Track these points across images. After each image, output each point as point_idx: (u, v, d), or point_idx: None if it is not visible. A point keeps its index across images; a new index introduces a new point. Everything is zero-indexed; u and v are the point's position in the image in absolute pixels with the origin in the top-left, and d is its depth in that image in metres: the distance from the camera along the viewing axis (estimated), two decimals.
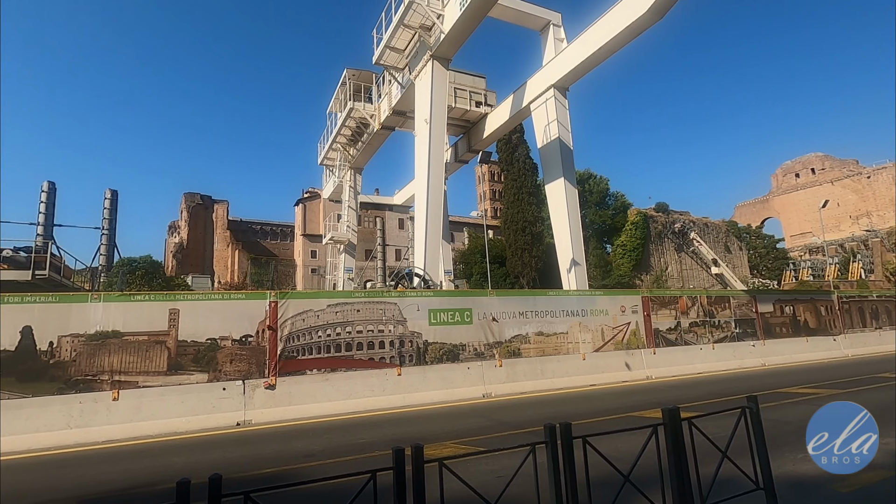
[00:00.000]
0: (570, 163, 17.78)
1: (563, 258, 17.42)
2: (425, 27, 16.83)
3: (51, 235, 21.84)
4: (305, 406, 9.41)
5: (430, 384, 10.64)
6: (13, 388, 7.91)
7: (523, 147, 42.71)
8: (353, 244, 29.10)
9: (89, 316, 8.64)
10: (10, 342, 8.06)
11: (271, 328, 9.69)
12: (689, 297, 15.49)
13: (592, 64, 15.99)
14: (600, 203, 49.59)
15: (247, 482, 5.17)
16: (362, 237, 33.60)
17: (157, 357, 8.87)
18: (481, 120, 22.20)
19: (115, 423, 8.13)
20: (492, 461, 5.17)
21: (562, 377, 12.04)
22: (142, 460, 6.68)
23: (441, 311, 11.36)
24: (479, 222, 57.92)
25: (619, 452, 3.11)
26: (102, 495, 5.17)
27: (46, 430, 7.75)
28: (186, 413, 8.58)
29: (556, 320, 12.70)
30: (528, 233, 40.07)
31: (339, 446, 6.90)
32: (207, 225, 62.57)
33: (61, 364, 8.28)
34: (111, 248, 25.02)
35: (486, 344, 11.62)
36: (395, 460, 2.27)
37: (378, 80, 23.60)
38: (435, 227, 16.77)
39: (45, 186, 22.70)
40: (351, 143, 26.71)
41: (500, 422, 8.28)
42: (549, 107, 17.53)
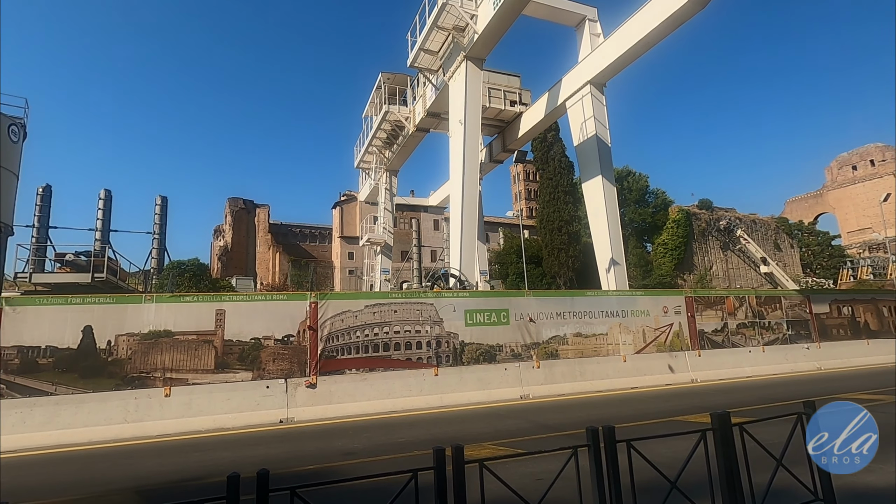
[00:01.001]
0: (608, 160, 17.39)
1: (602, 258, 17.05)
2: (459, 28, 16.86)
3: (107, 240, 23.18)
4: (345, 405, 9.59)
5: (467, 385, 10.63)
6: (76, 384, 8.44)
7: (559, 145, 42.11)
8: (389, 245, 29.44)
9: (143, 316, 9.11)
10: (73, 340, 8.60)
11: (312, 328, 9.93)
12: (737, 297, 14.85)
13: (631, 58, 15.59)
14: (640, 201, 48.27)
15: (291, 478, 5.32)
16: (398, 238, 33.97)
17: (205, 355, 9.26)
18: (516, 119, 22.03)
19: (167, 419, 8.54)
20: (531, 464, 5.11)
21: (602, 379, 11.78)
22: (193, 454, 6.99)
23: (477, 312, 11.34)
24: (514, 222, 57.49)
25: (664, 458, 3.01)
26: (158, 487, 5.44)
27: (106, 423, 8.23)
28: (233, 410, 8.91)
29: (595, 321, 12.44)
30: (565, 232, 39.45)
31: (379, 445, 6.99)
32: (250, 228, 64.83)
33: (118, 362, 8.77)
34: (162, 251, 26.28)
35: (523, 345, 11.51)
36: (435, 460, 2.28)
37: (412, 82, 23.80)
38: (470, 227, 16.75)
39: (103, 194, 24.10)
40: (386, 146, 27.06)
41: (538, 424, 8.19)
42: (585, 104, 17.21)
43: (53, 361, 8.43)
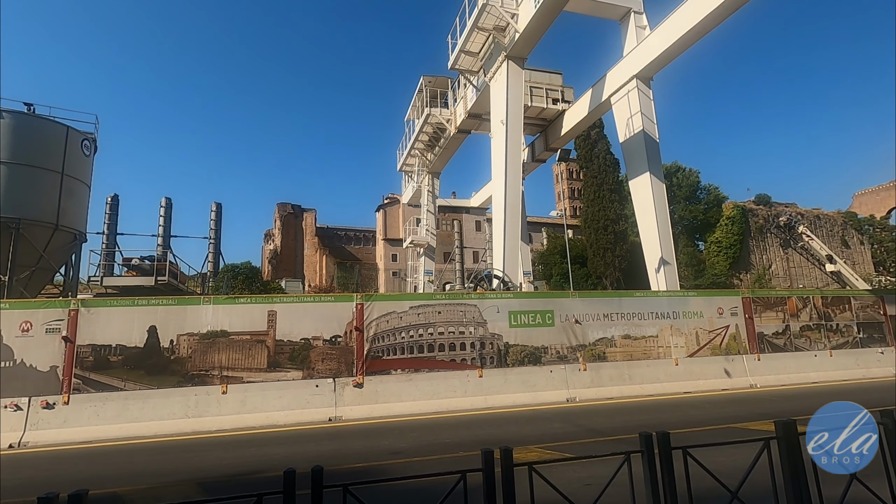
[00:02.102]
0: (656, 156, 16.79)
1: (651, 257, 16.48)
2: (499, 28, 16.78)
3: (168, 245, 24.59)
4: (390, 405, 9.74)
5: (512, 387, 10.54)
6: (142, 380, 9.02)
7: (603, 142, 41.11)
8: (432, 247, 29.67)
9: (201, 317, 9.61)
10: (140, 340, 9.19)
11: (358, 329, 10.15)
12: (800, 297, 13.95)
13: (680, 49, 15.01)
14: (690, 197, 46.33)
15: (341, 475, 5.45)
16: (440, 240, 34.17)
17: (259, 355, 9.65)
18: (558, 117, 21.67)
19: (224, 415, 8.96)
20: (580, 468, 5.01)
21: (652, 383, 11.37)
22: (248, 449, 7.30)
23: (521, 313, 11.23)
24: (558, 222, 56.51)
25: (723, 467, 2.88)
26: (217, 479, 5.72)
27: (169, 418, 8.73)
28: (284, 407, 9.24)
29: (645, 323, 12.04)
30: (611, 231, 38.43)
31: (425, 445, 7.05)
32: (298, 232, 67.06)
33: (180, 360, 9.29)
34: (217, 255, 27.59)
35: (568, 347, 11.30)
36: (484, 462, 2.28)
37: (453, 84, 23.90)
38: (513, 228, 16.62)
39: (164, 202, 25.59)
40: (428, 149, 27.29)
41: (585, 428, 8.01)
42: (631, 99, 16.70)
43: (122, 359, 9.04)
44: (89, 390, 8.73)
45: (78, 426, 8.35)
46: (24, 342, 8.70)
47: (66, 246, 17.78)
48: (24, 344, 8.69)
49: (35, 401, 8.39)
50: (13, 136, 16.19)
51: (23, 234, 15.82)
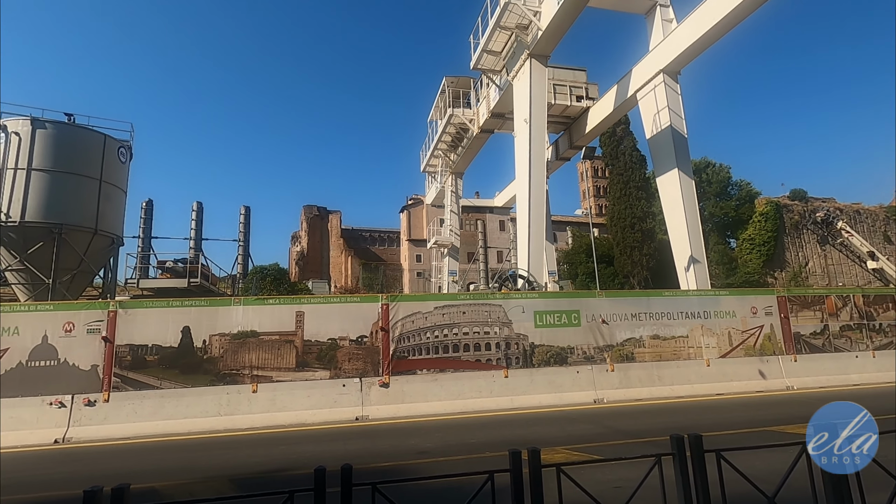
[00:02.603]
0: (685, 152, 16.40)
1: (680, 255, 16.10)
2: (522, 26, 16.68)
3: (200, 248, 25.34)
4: (416, 405, 9.79)
5: (538, 387, 10.46)
6: (177, 379, 9.31)
7: (629, 139, 40.40)
8: (455, 247, 29.69)
9: (232, 318, 9.87)
10: (175, 340, 9.49)
11: (384, 329, 10.25)
12: (839, 296, 13.40)
13: (709, 42, 14.62)
14: (721, 194, 45.08)
15: (369, 474, 5.51)
16: (464, 240, 34.15)
17: (287, 355, 9.85)
18: (583, 114, 21.40)
19: (255, 413, 9.18)
20: (609, 470, 4.94)
21: (682, 384, 11.11)
22: (278, 447, 7.45)
23: (547, 313, 11.13)
24: (583, 220, 55.79)
25: (758, 471, 2.79)
26: (249, 476, 5.87)
27: (203, 415, 8.99)
28: (312, 406, 9.40)
29: (674, 323, 11.77)
30: (638, 229, 37.72)
31: (451, 445, 7.07)
32: (323, 234, 68.07)
33: (212, 359, 9.56)
34: (246, 257, 28.31)
35: (595, 347, 11.14)
36: (511, 463, 2.27)
37: (476, 84, 23.88)
38: (538, 227, 16.49)
39: (195, 206, 26.40)
40: (451, 149, 27.33)
41: (613, 429, 7.89)
42: (658, 94, 16.37)
43: (158, 358, 9.36)
44: (127, 388, 9.07)
45: (117, 423, 8.68)
46: (67, 342, 9.10)
47: (105, 249, 18.53)
48: (67, 344, 9.10)
49: (78, 398, 8.77)
50: (55, 145, 16.96)
51: (65, 239, 16.56)
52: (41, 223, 16.34)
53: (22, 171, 16.37)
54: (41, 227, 16.34)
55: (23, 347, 8.94)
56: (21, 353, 8.91)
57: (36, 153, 16.57)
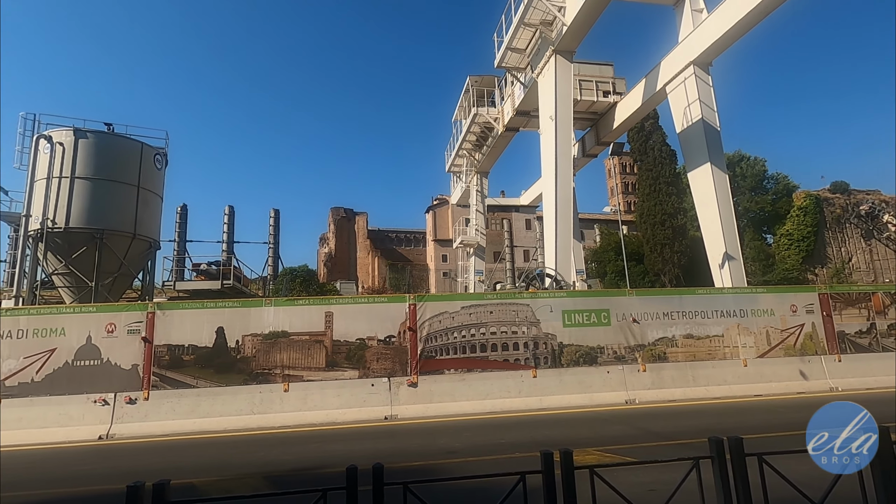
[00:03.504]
0: (718, 145, 15.90)
1: (714, 252, 15.63)
2: (546, 23, 16.50)
3: (232, 251, 26.00)
4: (444, 404, 9.80)
5: (567, 387, 10.33)
6: (212, 378, 9.58)
7: (658, 134, 39.50)
8: (482, 247, 29.60)
9: (264, 318, 10.09)
10: (209, 340, 9.77)
11: (411, 329, 10.30)
12: (887, 293, 12.75)
13: (741, 31, 14.14)
14: (756, 188, 43.57)
15: (399, 473, 5.55)
16: (490, 239, 34.01)
17: (317, 354, 10.01)
18: (610, 110, 21.02)
19: (286, 412, 9.36)
20: (643, 473, 4.82)
21: (718, 385, 10.77)
22: (309, 445, 7.58)
23: (576, 312, 10.97)
24: (611, 218, 54.86)
25: (803, 476, 2.67)
26: (283, 474, 5.98)
27: (237, 414, 9.23)
28: (342, 406, 9.52)
29: (709, 321, 11.43)
30: (669, 226, 36.83)
31: (480, 445, 7.04)
32: (351, 235, 68.97)
33: (245, 359, 9.80)
34: (276, 259, 28.89)
35: (626, 347, 10.92)
36: (543, 464, 2.24)
37: (500, 83, 23.75)
38: (565, 225, 16.27)
39: (227, 210, 27.09)
40: (476, 148, 27.26)
41: (646, 431, 7.71)
42: (688, 86, 15.92)
43: (194, 358, 9.65)
44: (166, 387, 9.39)
45: (157, 420, 9.00)
46: (109, 342, 9.49)
47: (143, 253, 19.23)
48: (109, 344, 9.48)
49: (120, 396, 9.13)
50: (96, 154, 17.71)
51: (106, 244, 17.26)
52: (84, 229, 17.08)
53: (66, 180, 17.14)
54: (84, 233, 17.08)
55: (69, 347, 9.37)
56: (68, 352, 9.34)
57: (78, 162, 17.33)
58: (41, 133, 17.73)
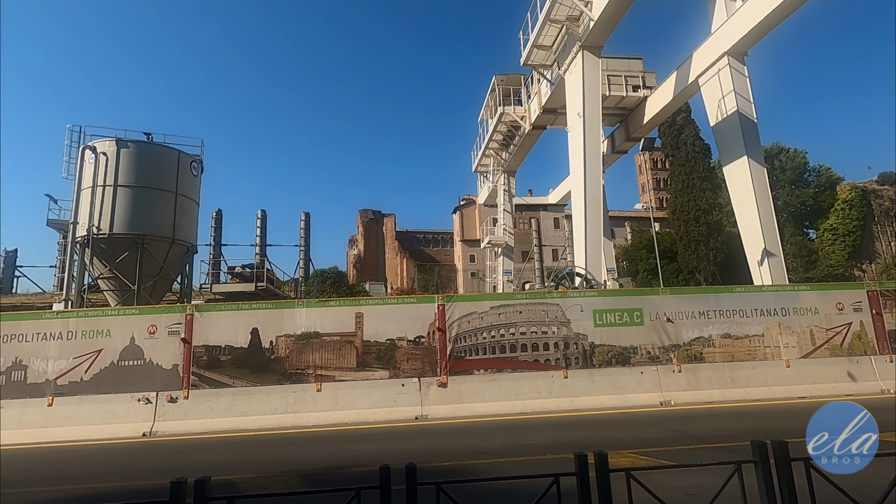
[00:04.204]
0: (755, 138, 15.34)
1: (752, 249, 15.08)
2: (572, 18, 16.28)
3: (265, 254, 26.66)
4: (474, 405, 9.78)
5: (599, 388, 10.15)
6: (248, 378, 9.85)
7: (691, 127, 38.40)
8: (510, 247, 29.40)
9: (296, 319, 10.31)
10: (245, 341, 10.05)
11: (440, 330, 10.32)
12: None
13: (778, 19, 13.59)
14: (797, 181, 41.83)
15: (431, 473, 5.56)
16: (518, 239, 33.74)
17: (348, 355, 10.15)
18: (640, 105, 20.55)
19: (319, 411, 9.53)
20: (680, 476, 4.69)
21: (758, 386, 10.38)
22: (342, 444, 7.70)
23: (607, 312, 10.77)
24: (643, 215, 53.62)
25: (853, 483, 2.54)
26: (316, 472, 6.09)
27: (271, 413, 9.45)
28: (373, 405, 9.63)
29: (748, 321, 11.03)
30: (703, 222, 35.72)
31: (511, 446, 7.00)
32: (379, 237, 69.68)
33: (279, 360, 10.03)
34: (307, 261, 29.45)
35: (660, 347, 10.65)
36: (577, 466, 2.21)
37: (526, 81, 23.55)
38: (595, 223, 16.00)
39: (260, 214, 27.80)
40: (503, 148, 27.12)
41: (682, 433, 7.50)
42: (722, 78, 15.42)
43: (231, 358, 9.94)
44: (204, 386, 9.70)
45: (196, 418, 9.31)
46: (151, 343, 9.88)
47: (181, 257, 19.93)
48: (151, 345, 9.87)
49: (161, 395, 9.49)
50: (137, 162, 18.47)
51: (147, 249, 17.98)
52: (127, 234, 17.84)
53: (109, 188, 17.94)
54: (126, 238, 17.83)
55: (114, 348, 9.80)
56: (113, 353, 9.77)
57: (120, 171, 18.11)
58: (86, 144, 18.62)
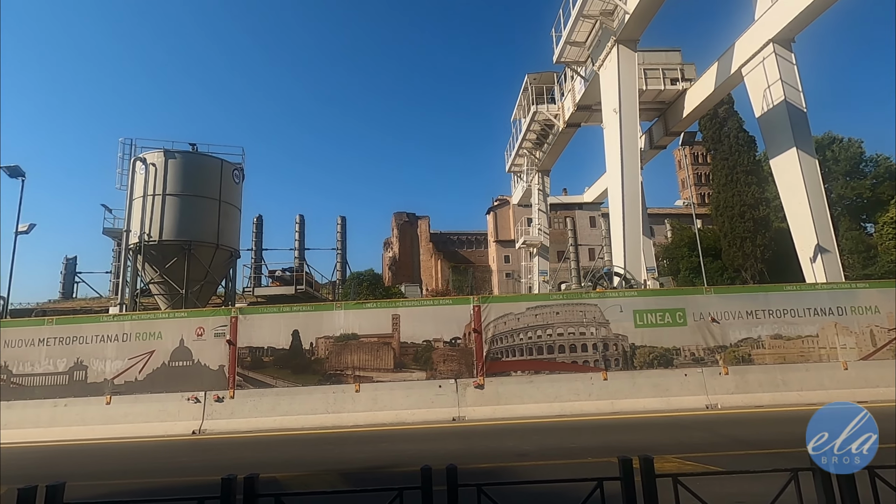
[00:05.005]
0: (804, 128, 14.58)
1: (803, 245, 14.32)
2: (606, 13, 15.95)
3: (303, 258, 27.39)
4: (512, 406, 9.70)
5: (641, 391, 9.87)
6: (289, 378, 10.13)
7: (734, 119, 36.84)
8: (545, 247, 29.05)
9: (335, 321, 10.53)
10: (286, 342, 10.34)
11: (476, 331, 10.30)
12: None
13: (828, 2, 12.89)
14: (851, 172, 39.49)
15: (470, 474, 5.56)
16: (553, 239, 33.28)
17: (385, 356, 10.28)
18: (679, 98, 19.91)
19: (358, 411, 9.69)
20: (728, 483, 4.51)
21: (814, 390, 9.84)
22: (381, 444, 7.80)
23: (648, 312, 10.48)
24: (683, 212, 51.90)
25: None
26: (357, 471, 6.20)
27: (313, 413, 9.68)
28: (411, 406, 9.71)
29: (800, 320, 10.48)
30: (749, 218, 34.15)
31: (550, 448, 6.91)
32: (413, 239, 70.24)
33: (319, 360, 10.26)
34: (344, 264, 30.07)
35: (705, 348, 10.27)
36: (622, 470, 2.16)
37: (559, 78, 23.24)
38: (633, 221, 15.60)
39: (298, 219, 28.60)
40: (536, 147, 26.85)
41: (731, 438, 7.20)
42: (768, 66, 14.74)
43: (273, 359, 10.25)
44: (248, 387, 10.04)
45: (241, 417, 9.64)
46: (199, 345, 10.31)
47: (225, 262, 20.73)
48: (199, 346, 10.30)
49: (209, 395, 9.88)
50: (183, 172, 19.35)
51: (193, 254, 18.79)
52: (175, 241, 18.70)
53: (158, 197, 18.87)
54: (175, 244, 18.70)
55: (165, 350, 10.28)
56: (164, 354, 10.25)
57: (168, 180, 19.03)
58: (137, 156, 19.65)
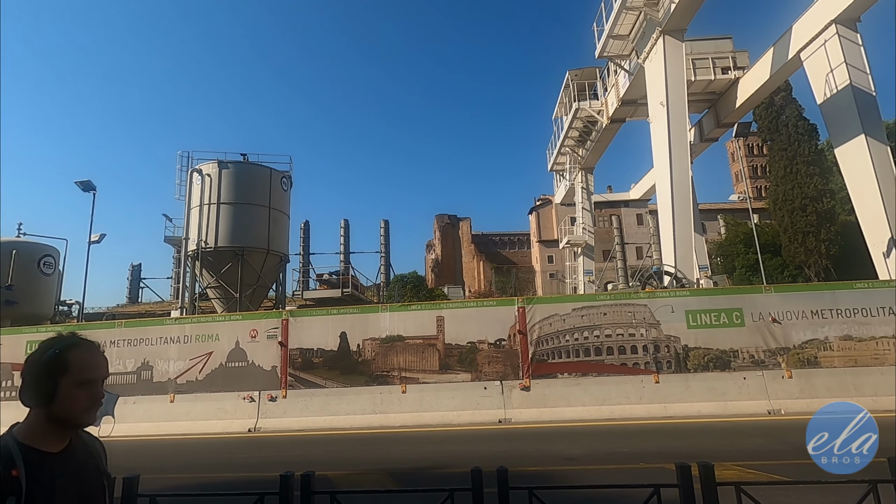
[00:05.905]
0: (873, 113, 13.55)
1: (875, 239, 13.30)
2: (651, 3, 15.44)
3: (349, 261, 28.05)
4: (559, 409, 9.53)
5: (695, 394, 9.46)
6: (338, 379, 10.39)
7: (792, 107, 34.77)
8: (590, 246, 28.42)
9: (381, 323, 10.71)
10: (334, 344, 10.61)
11: (521, 332, 10.20)
12: None
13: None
14: None
15: (518, 477, 5.51)
16: (599, 238, 32.47)
17: (431, 357, 10.36)
18: (731, 87, 18.99)
19: (404, 412, 9.81)
20: (795, 494, 4.25)
21: (889, 395, 9.06)
22: (427, 445, 7.86)
23: (701, 313, 10.03)
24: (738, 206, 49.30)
25: None
26: (405, 471, 6.28)
27: (360, 413, 9.88)
28: (457, 408, 9.73)
29: (873, 321, 9.73)
30: (811, 211, 32.08)
31: (600, 453, 6.74)
32: (455, 241, 70.42)
33: (366, 362, 10.47)
34: (388, 267, 30.55)
35: (765, 350, 9.72)
36: (680, 477, 2.08)
37: (601, 74, 22.71)
38: (684, 218, 15.01)
39: (343, 223, 29.34)
40: (579, 144, 26.33)
41: (795, 446, 6.75)
42: (829, 49, 13.81)
43: (322, 360, 10.54)
44: (300, 387, 10.38)
45: (293, 416, 9.97)
46: (252, 346, 10.76)
47: (276, 266, 21.55)
48: (252, 348, 10.74)
49: (263, 394, 10.29)
50: (235, 181, 20.29)
51: (246, 259, 19.64)
52: (229, 247, 19.63)
53: (213, 206, 19.88)
54: (229, 251, 19.63)
55: (222, 351, 10.79)
56: (221, 355, 10.76)
57: (222, 189, 20.01)
58: (194, 167, 20.78)
